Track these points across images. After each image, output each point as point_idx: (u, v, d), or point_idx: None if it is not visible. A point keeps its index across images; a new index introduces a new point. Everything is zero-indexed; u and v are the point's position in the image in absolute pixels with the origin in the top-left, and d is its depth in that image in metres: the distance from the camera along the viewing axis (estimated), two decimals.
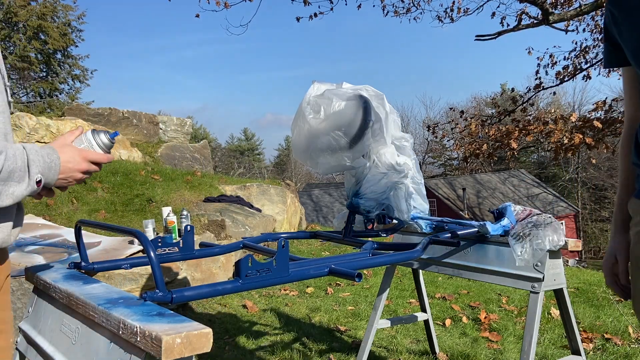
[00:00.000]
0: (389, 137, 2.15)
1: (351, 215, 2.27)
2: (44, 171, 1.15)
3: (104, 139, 1.32)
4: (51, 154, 1.18)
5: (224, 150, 41.69)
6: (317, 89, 2.14)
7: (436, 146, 36.66)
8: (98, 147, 1.30)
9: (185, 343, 0.95)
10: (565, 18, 8.92)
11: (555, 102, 31.05)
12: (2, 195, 1.08)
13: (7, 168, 1.06)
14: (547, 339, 3.27)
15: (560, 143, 8.73)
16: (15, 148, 1.10)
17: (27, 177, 1.11)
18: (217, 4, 8.65)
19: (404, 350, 3.07)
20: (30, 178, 1.12)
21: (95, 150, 1.29)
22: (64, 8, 17.22)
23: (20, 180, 1.10)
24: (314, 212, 27.12)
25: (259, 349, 3.07)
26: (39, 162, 1.14)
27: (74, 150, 1.24)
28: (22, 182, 1.10)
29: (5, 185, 1.07)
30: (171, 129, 9.26)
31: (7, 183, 1.08)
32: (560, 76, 10.58)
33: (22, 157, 1.11)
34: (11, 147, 1.09)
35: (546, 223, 2.03)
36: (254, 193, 6.77)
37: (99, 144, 1.30)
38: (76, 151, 1.24)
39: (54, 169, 1.17)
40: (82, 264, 1.60)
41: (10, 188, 1.08)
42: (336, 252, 6.10)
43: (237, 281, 1.38)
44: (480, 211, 25.14)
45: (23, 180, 1.10)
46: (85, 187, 5.54)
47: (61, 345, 1.27)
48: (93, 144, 1.29)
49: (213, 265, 4.11)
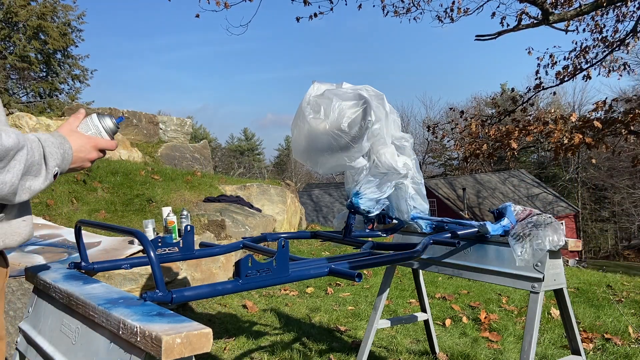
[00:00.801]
0: (389, 137, 2.15)
1: (351, 215, 2.27)
2: (60, 163, 1.13)
3: (110, 123, 1.29)
4: (63, 143, 1.15)
5: (224, 150, 41.69)
6: (317, 89, 2.14)
7: (436, 146, 36.66)
8: (105, 133, 1.28)
9: (185, 343, 0.95)
10: (565, 18, 8.92)
11: (555, 102, 31.05)
12: (19, 190, 1.04)
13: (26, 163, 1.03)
14: (547, 339, 3.27)
15: (560, 143, 8.73)
16: (31, 140, 1.06)
17: (44, 171, 1.08)
18: (217, 4, 8.65)
19: (404, 350, 3.07)
20: (48, 172, 1.09)
21: (103, 137, 1.27)
22: (64, 8, 17.22)
23: (37, 174, 1.07)
24: (314, 212, 27.11)
25: (259, 349, 3.06)
26: (56, 155, 1.11)
27: (84, 138, 1.22)
28: (39, 176, 1.07)
29: (23, 180, 1.04)
30: (171, 129, 9.26)
31: (25, 177, 1.04)
32: (560, 76, 10.58)
33: (39, 150, 1.07)
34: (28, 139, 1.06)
35: (546, 223, 2.02)
36: (254, 193, 6.77)
37: (106, 129, 1.29)
38: (85, 139, 1.22)
39: (67, 159, 1.15)
40: (82, 264, 1.60)
41: (27, 182, 1.05)
42: (336, 252, 6.09)
43: (237, 281, 1.38)
44: (480, 211, 25.14)
45: (40, 174, 1.07)
46: (85, 187, 5.54)
47: (61, 345, 1.27)
48: (101, 130, 1.28)
49: (213, 265, 4.11)
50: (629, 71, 10.95)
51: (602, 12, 9.92)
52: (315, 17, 9.31)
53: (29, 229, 1.17)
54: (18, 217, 1.15)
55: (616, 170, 30.06)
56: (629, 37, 9.70)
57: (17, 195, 1.05)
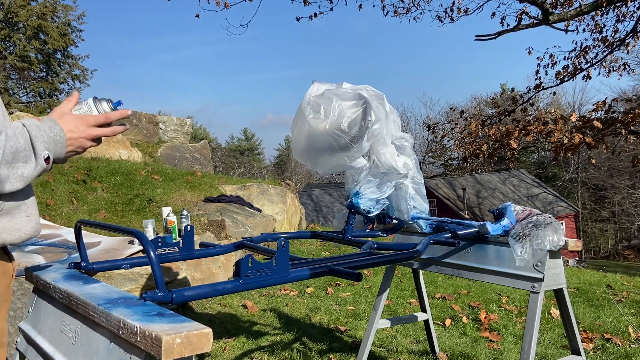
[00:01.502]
0: (389, 137, 2.15)
1: (351, 215, 2.27)
2: (50, 146, 1.08)
3: (105, 107, 1.25)
4: (53, 126, 1.11)
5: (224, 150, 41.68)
6: (317, 89, 2.14)
7: (436, 146, 36.66)
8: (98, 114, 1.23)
9: (185, 343, 0.95)
10: (565, 18, 8.92)
11: (555, 102, 31.06)
12: (11, 178, 1.01)
13: (9, 149, 0.99)
14: (547, 339, 3.27)
15: (560, 143, 8.73)
16: (14, 126, 1.03)
17: (33, 156, 1.05)
18: (217, 4, 8.66)
19: (404, 350, 3.07)
20: (37, 156, 1.05)
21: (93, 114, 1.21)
22: (64, 8, 17.23)
23: (27, 160, 1.03)
24: (314, 212, 27.12)
25: (259, 349, 3.06)
26: (43, 138, 1.07)
27: (75, 117, 1.16)
28: (30, 162, 1.04)
29: (12, 167, 1.00)
30: (171, 129, 9.26)
31: (14, 165, 1.01)
32: (560, 76, 10.58)
33: (24, 134, 1.04)
34: (10, 126, 1.02)
35: (546, 223, 2.03)
36: (254, 193, 6.77)
37: (100, 112, 1.24)
38: (77, 118, 1.16)
39: (60, 142, 1.11)
40: (82, 264, 1.60)
41: (19, 170, 1.02)
42: (336, 252, 6.10)
43: (237, 281, 1.38)
44: (480, 211, 25.14)
45: (30, 159, 1.04)
46: (85, 187, 5.54)
47: (61, 345, 1.27)
48: (93, 111, 1.22)
49: (213, 265, 4.11)
50: (629, 71, 10.96)
51: (602, 12, 9.92)
52: (315, 17, 9.32)
53: (32, 225, 1.15)
54: (21, 212, 1.13)
55: (616, 170, 30.08)
56: (629, 37, 9.70)
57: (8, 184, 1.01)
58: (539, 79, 10.66)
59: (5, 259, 1.21)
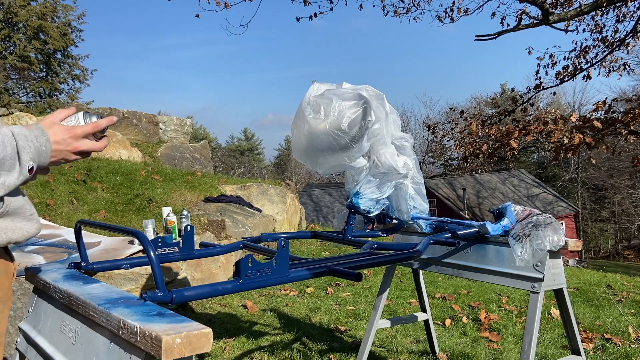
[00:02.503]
0: (389, 137, 2.15)
1: (351, 215, 2.27)
2: (35, 157, 1.08)
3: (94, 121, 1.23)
4: (40, 136, 1.10)
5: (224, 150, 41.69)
6: (317, 89, 2.14)
7: (436, 146, 36.64)
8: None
9: (185, 343, 0.95)
10: (565, 18, 8.91)
11: (555, 102, 31.06)
12: None
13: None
14: (547, 339, 3.27)
15: (560, 143, 8.73)
16: (3, 134, 1.03)
17: (17, 166, 1.05)
18: (217, 4, 8.66)
19: (404, 350, 3.07)
20: (21, 166, 1.05)
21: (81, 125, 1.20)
22: (64, 8, 17.22)
23: (10, 169, 1.03)
24: (314, 212, 27.12)
25: (259, 349, 3.06)
26: (30, 148, 1.07)
27: (63, 129, 1.16)
28: (13, 171, 1.04)
29: None
30: (171, 129, 9.27)
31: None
32: (560, 76, 10.57)
33: (12, 143, 1.04)
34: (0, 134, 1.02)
35: (546, 223, 2.03)
36: (254, 193, 6.77)
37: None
38: (65, 130, 1.16)
39: (45, 153, 1.11)
40: (82, 264, 1.60)
41: (1, 178, 1.02)
42: (336, 252, 6.09)
43: (237, 281, 1.38)
44: (480, 211, 25.14)
45: (14, 168, 1.04)
46: (85, 187, 5.54)
47: (61, 345, 1.27)
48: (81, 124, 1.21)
49: (213, 265, 4.11)
50: (629, 71, 10.95)
51: (602, 12, 9.92)
52: (315, 17, 9.32)
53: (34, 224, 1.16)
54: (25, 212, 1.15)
55: (616, 170, 30.08)
56: (629, 37, 9.70)
57: None
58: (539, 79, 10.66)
59: (7, 259, 1.22)
